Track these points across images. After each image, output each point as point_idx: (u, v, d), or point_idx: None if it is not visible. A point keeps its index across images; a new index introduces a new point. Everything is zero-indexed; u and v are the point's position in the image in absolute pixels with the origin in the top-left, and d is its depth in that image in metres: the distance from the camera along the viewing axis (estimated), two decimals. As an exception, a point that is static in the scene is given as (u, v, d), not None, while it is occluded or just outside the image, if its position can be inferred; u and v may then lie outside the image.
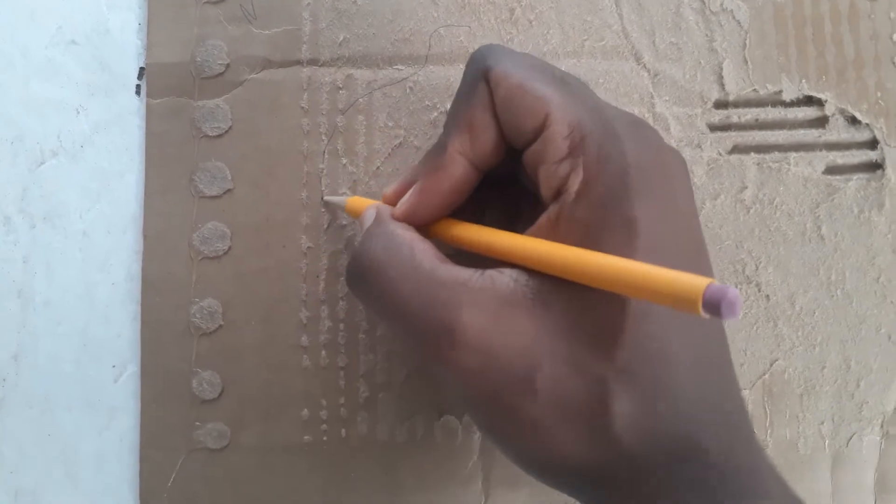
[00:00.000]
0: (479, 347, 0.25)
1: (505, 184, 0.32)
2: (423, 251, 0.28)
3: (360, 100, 0.39)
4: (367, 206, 0.33)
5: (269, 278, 0.38)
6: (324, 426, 0.37)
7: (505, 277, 0.26)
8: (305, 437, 0.37)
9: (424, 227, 0.31)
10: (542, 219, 0.27)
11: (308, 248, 0.38)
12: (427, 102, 0.39)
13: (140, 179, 0.39)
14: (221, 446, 0.37)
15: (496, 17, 0.39)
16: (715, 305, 0.19)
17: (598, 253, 0.24)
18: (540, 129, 0.27)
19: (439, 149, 0.30)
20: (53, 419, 0.38)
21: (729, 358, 0.28)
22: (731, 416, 0.26)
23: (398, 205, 0.31)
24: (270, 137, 0.38)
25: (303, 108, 0.39)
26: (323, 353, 0.38)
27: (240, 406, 0.37)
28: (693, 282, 0.20)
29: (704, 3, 0.40)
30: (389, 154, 0.39)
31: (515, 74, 0.28)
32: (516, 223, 0.31)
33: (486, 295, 0.26)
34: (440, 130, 0.37)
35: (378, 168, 0.38)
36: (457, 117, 0.30)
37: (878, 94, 0.40)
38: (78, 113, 0.39)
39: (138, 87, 0.39)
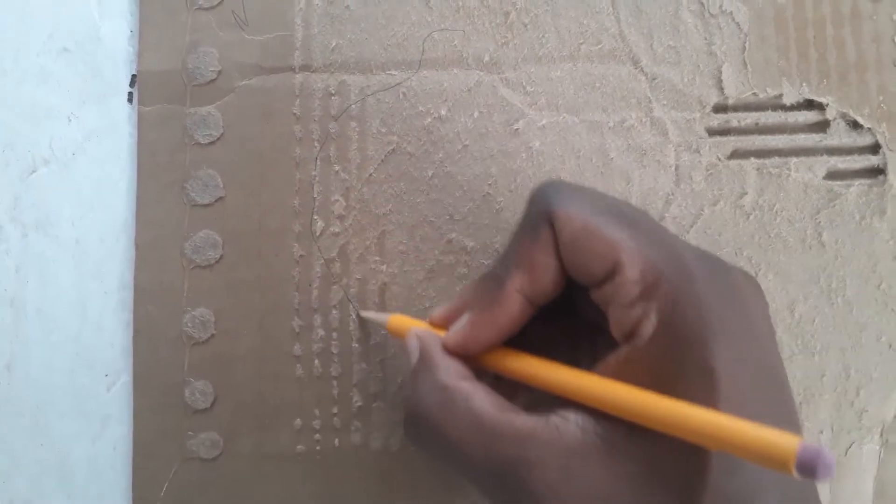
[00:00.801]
0: (554, 501, 0.25)
1: (556, 310, 0.31)
2: (480, 401, 0.27)
3: (353, 106, 0.38)
4: (410, 331, 0.32)
5: (261, 287, 0.37)
6: (317, 435, 0.37)
7: (571, 426, 0.25)
8: (299, 447, 0.37)
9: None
10: (611, 358, 0.26)
11: (301, 256, 0.37)
12: (421, 108, 0.38)
13: (132, 187, 0.38)
14: (214, 456, 0.37)
15: (490, 21, 0.39)
16: (809, 467, 0.19)
17: (680, 401, 0.23)
18: (610, 274, 0.26)
19: (495, 282, 0.29)
20: (47, 428, 0.38)
21: None
22: None
23: (448, 334, 0.30)
24: (262, 144, 0.38)
25: (295, 114, 0.38)
26: (316, 362, 0.37)
27: (233, 415, 0.37)
28: (783, 441, 0.20)
29: (703, 6, 0.39)
30: (382, 160, 0.38)
31: (581, 217, 0.27)
32: (570, 352, 0.30)
33: (554, 449, 0.25)
34: (434, 136, 0.37)
35: (371, 175, 0.38)
36: (517, 255, 0.29)
37: (881, 98, 0.39)
38: (70, 121, 0.39)
39: (130, 94, 0.39)
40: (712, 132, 0.39)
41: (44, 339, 0.38)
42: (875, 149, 0.39)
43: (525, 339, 0.30)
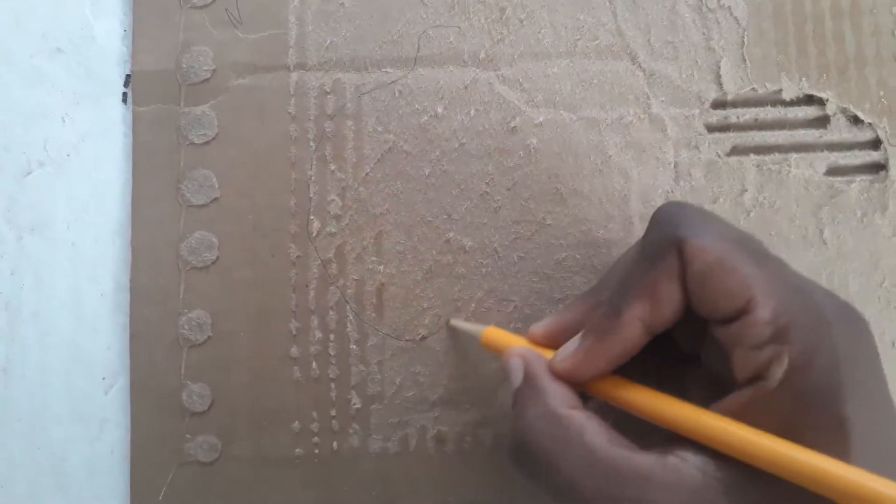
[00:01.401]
0: None
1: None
2: (594, 434, 0.26)
3: (349, 104, 0.38)
4: (510, 348, 0.31)
5: (257, 288, 0.37)
6: (315, 438, 0.37)
7: (690, 468, 0.24)
8: (297, 450, 0.37)
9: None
10: (732, 399, 0.25)
11: (297, 257, 0.37)
12: (417, 106, 0.38)
13: (127, 188, 0.38)
14: (212, 459, 0.36)
15: (486, 17, 0.38)
16: None
17: (811, 451, 0.22)
18: (740, 312, 0.25)
19: (613, 310, 0.27)
20: (44, 432, 0.37)
21: None
22: None
23: (559, 359, 0.29)
24: (257, 144, 0.37)
25: (290, 113, 0.38)
26: (313, 364, 0.37)
27: (230, 418, 0.36)
28: None
29: (701, 0, 0.39)
30: (379, 159, 0.38)
31: (714, 250, 0.25)
32: (655, 383, 0.28)
33: (674, 492, 0.24)
34: (430, 134, 0.37)
35: (367, 174, 0.37)
36: (638, 282, 0.27)
37: (881, 93, 0.38)
38: (64, 121, 0.38)
39: (125, 94, 0.38)
40: (711, 128, 0.38)
41: (40, 342, 0.37)
42: (876, 144, 0.38)
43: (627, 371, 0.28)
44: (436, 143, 0.38)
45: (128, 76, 0.38)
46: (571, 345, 0.29)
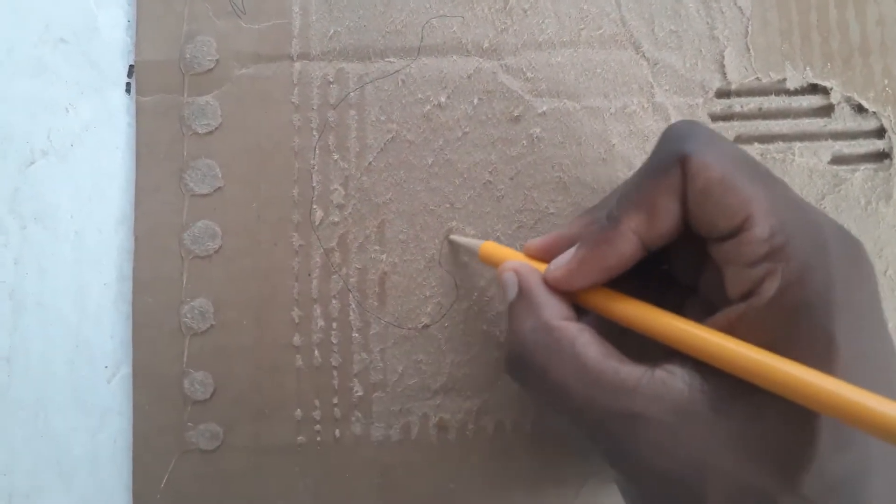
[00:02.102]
0: (651, 459, 0.24)
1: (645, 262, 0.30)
2: (585, 345, 0.26)
3: (352, 94, 0.37)
4: (506, 261, 0.31)
5: (260, 277, 0.37)
6: (317, 426, 0.36)
7: (677, 381, 0.25)
8: (299, 438, 0.36)
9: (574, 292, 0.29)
10: (722, 315, 0.25)
11: (300, 245, 0.37)
12: (420, 95, 0.37)
13: (131, 178, 0.37)
14: (214, 447, 0.36)
15: (490, 7, 0.38)
16: None
17: (799, 364, 0.22)
18: (738, 229, 0.25)
19: (610, 220, 0.27)
20: (46, 421, 0.37)
21: None
22: None
23: (552, 269, 0.29)
24: (261, 134, 0.37)
25: (293, 103, 0.37)
26: (316, 352, 0.36)
27: (232, 407, 0.36)
28: None
29: (705, -10, 0.38)
30: (382, 149, 0.37)
31: (717, 166, 0.25)
32: (660, 300, 0.28)
33: (659, 404, 0.24)
34: (433, 124, 0.36)
35: (370, 163, 0.37)
36: (638, 194, 0.27)
37: (886, 82, 0.38)
38: (67, 112, 0.38)
39: (128, 84, 0.38)
40: (715, 118, 0.38)
41: (43, 331, 0.37)
42: (880, 133, 0.38)
43: (610, 286, 0.29)
44: (439, 133, 0.37)
45: (131, 66, 0.38)
46: (565, 255, 0.29)
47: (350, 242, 0.37)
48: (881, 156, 0.38)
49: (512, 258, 0.32)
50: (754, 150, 0.37)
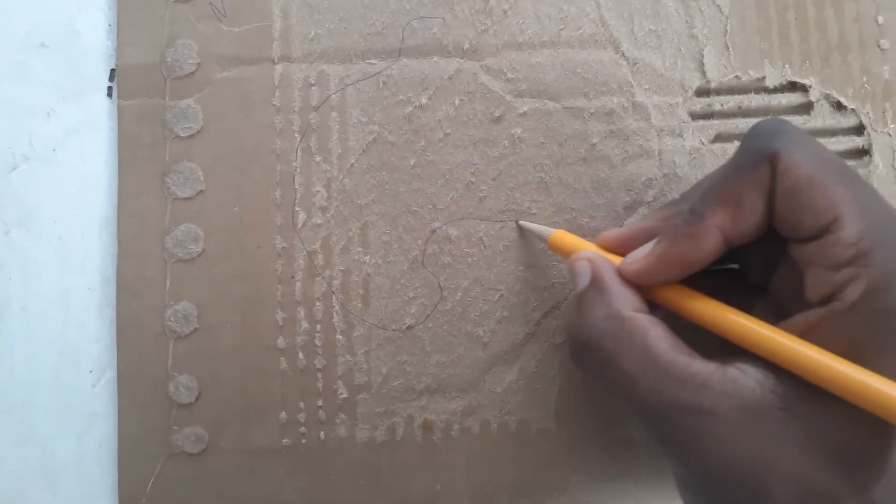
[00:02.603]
0: (717, 455, 0.24)
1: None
2: (656, 338, 0.26)
3: (333, 96, 0.37)
4: (577, 252, 0.31)
5: (243, 280, 0.36)
6: (302, 429, 0.36)
7: (749, 380, 0.24)
8: (284, 440, 0.36)
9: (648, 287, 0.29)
10: (799, 318, 0.25)
11: (283, 248, 0.36)
12: (401, 97, 0.37)
13: (113, 182, 0.37)
14: (200, 450, 0.36)
15: (470, 8, 0.38)
16: None
17: (879, 376, 0.22)
18: (824, 231, 0.24)
19: (694, 215, 0.27)
20: (32, 426, 0.37)
21: None
22: None
23: (629, 262, 0.29)
24: (243, 137, 0.37)
25: (275, 105, 0.37)
26: (300, 354, 0.36)
27: (217, 410, 0.36)
28: None
29: (684, -11, 0.38)
30: (364, 150, 0.37)
31: (807, 166, 0.25)
32: (729, 298, 0.28)
33: (729, 402, 0.24)
34: (415, 125, 0.36)
35: (352, 165, 0.37)
36: (724, 189, 0.26)
37: (864, 79, 0.38)
38: (49, 116, 0.38)
39: (110, 88, 0.38)
40: (695, 116, 0.38)
41: (28, 336, 0.37)
42: (860, 130, 0.38)
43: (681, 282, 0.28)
44: (420, 134, 0.37)
45: (112, 70, 0.38)
46: (644, 249, 0.28)
47: (333, 244, 0.37)
48: (860, 153, 0.38)
49: (584, 248, 0.31)
50: (735, 148, 0.37)
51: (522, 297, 0.37)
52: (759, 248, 0.27)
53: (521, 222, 0.37)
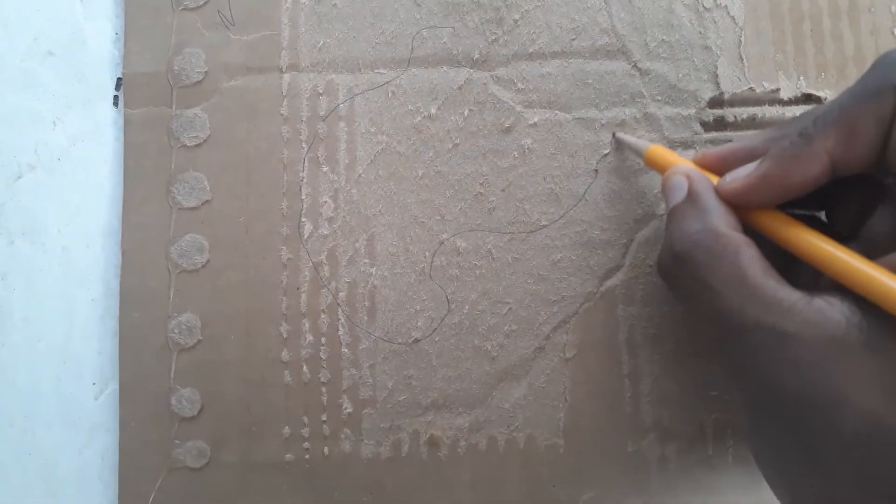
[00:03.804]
0: (791, 380, 0.23)
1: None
2: (749, 258, 0.25)
3: (341, 105, 0.36)
4: (674, 167, 0.30)
5: (248, 291, 0.35)
6: (306, 444, 0.34)
7: (836, 313, 0.23)
8: (287, 456, 0.34)
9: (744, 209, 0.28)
10: (894, 257, 0.24)
11: (288, 259, 0.35)
12: (410, 107, 0.36)
13: (118, 192, 0.36)
14: (201, 465, 0.34)
15: (481, 18, 0.36)
16: None
17: None
18: None
19: (803, 138, 0.26)
20: (34, 438, 0.35)
21: None
22: None
23: (728, 180, 0.28)
24: (249, 146, 0.36)
25: (282, 115, 0.36)
26: (304, 368, 0.35)
27: (220, 423, 0.34)
28: None
29: (697, 0, 0.37)
30: (372, 161, 0.36)
31: None
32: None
33: (813, 331, 0.23)
34: (424, 135, 0.35)
35: (360, 175, 0.35)
36: (840, 115, 0.25)
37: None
38: (55, 125, 0.36)
39: (116, 97, 0.37)
40: (708, 127, 0.36)
41: (31, 347, 0.36)
42: (876, 142, 0.36)
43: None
44: (429, 144, 0.36)
45: (119, 79, 0.37)
46: (745, 168, 0.27)
47: (339, 256, 0.35)
48: (877, 166, 0.36)
49: (681, 163, 0.30)
50: (748, 160, 0.36)
51: (531, 310, 0.35)
52: (851, 194, 0.27)
53: (618, 135, 0.35)
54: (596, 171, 0.36)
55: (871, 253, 0.25)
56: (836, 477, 0.23)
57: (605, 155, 0.36)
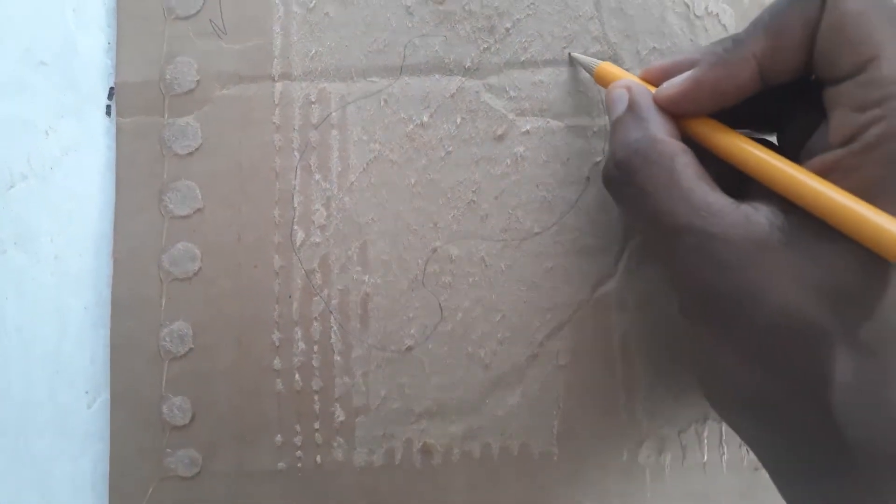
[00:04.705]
0: (715, 278, 0.24)
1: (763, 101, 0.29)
2: (683, 164, 0.26)
3: (334, 114, 0.35)
4: (618, 81, 0.30)
5: (240, 300, 0.34)
6: (298, 452, 0.34)
7: (761, 217, 0.24)
8: (279, 464, 0.34)
9: (680, 118, 0.28)
10: (817, 159, 0.24)
11: (280, 267, 0.34)
12: (402, 115, 0.35)
13: (110, 201, 0.35)
14: (193, 474, 0.33)
15: (472, 26, 0.36)
16: None
17: (878, 210, 0.22)
18: (858, 70, 0.23)
19: (734, 43, 0.26)
20: (26, 446, 0.34)
21: None
22: None
23: (663, 87, 0.28)
24: (242, 155, 0.35)
25: (275, 123, 0.35)
26: (297, 376, 0.34)
27: (211, 432, 0.34)
28: None
29: (689, 8, 0.36)
30: (364, 169, 0.35)
31: (855, 2, 0.24)
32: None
33: (738, 232, 0.24)
34: (416, 143, 0.34)
35: (352, 183, 0.35)
36: (768, 20, 0.25)
37: None
38: (47, 135, 0.36)
39: (108, 107, 0.36)
40: (700, 135, 0.36)
41: (23, 356, 0.35)
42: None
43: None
44: (422, 152, 0.35)
45: (111, 88, 0.36)
46: (681, 76, 0.27)
47: (332, 264, 0.34)
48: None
49: (626, 78, 0.30)
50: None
51: (525, 318, 0.35)
52: (802, 115, 0.27)
53: (573, 53, 0.35)
54: (588, 178, 0.35)
55: (828, 170, 0.25)
56: (758, 369, 0.24)
57: (598, 162, 0.35)
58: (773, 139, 0.30)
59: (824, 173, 0.23)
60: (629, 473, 0.34)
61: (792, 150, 0.27)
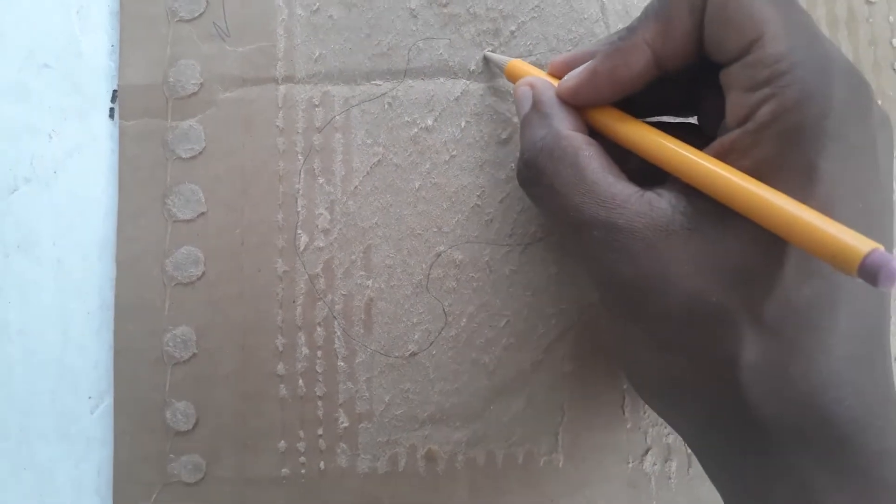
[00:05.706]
0: (622, 267, 0.24)
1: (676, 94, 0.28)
2: (587, 158, 0.25)
3: (337, 117, 0.34)
4: (523, 79, 0.29)
5: (243, 304, 0.33)
6: (302, 458, 0.33)
7: (663, 203, 0.24)
8: (283, 470, 0.33)
9: (585, 109, 0.28)
10: (716, 142, 0.24)
11: (284, 271, 0.33)
12: (406, 118, 0.34)
13: (114, 204, 0.34)
14: (196, 479, 0.33)
15: (477, 29, 0.35)
16: (872, 272, 0.18)
17: (769, 188, 0.21)
18: (745, 51, 0.23)
19: (627, 32, 0.26)
20: (30, 451, 0.34)
21: (887, 338, 0.24)
22: (876, 399, 0.23)
23: (563, 81, 0.28)
24: (245, 158, 0.34)
25: (278, 126, 0.34)
26: (300, 381, 0.33)
27: (215, 438, 0.33)
28: (858, 242, 0.18)
29: (695, 10, 0.35)
30: (368, 172, 0.34)
31: None
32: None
33: (641, 221, 0.24)
34: (420, 147, 0.33)
35: (356, 187, 0.34)
36: (658, 6, 0.25)
37: (879, 102, 0.35)
38: (51, 138, 0.35)
39: (112, 110, 0.35)
40: (707, 138, 0.35)
41: (26, 360, 0.34)
42: (876, 153, 0.35)
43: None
44: (426, 156, 0.34)
45: (114, 91, 0.35)
46: (579, 68, 0.27)
47: (335, 268, 0.34)
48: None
49: (533, 75, 0.30)
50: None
51: (530, 323, 0.34)
52: (715, 96, 0.26)
53: (486, 53, 0.34)
54: None
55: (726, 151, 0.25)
56: (672, 355, 0.24)
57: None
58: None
59: (723, 155, 0.23)
60: (634, 481, 0.33)
61: (710, 134, 0.27)
